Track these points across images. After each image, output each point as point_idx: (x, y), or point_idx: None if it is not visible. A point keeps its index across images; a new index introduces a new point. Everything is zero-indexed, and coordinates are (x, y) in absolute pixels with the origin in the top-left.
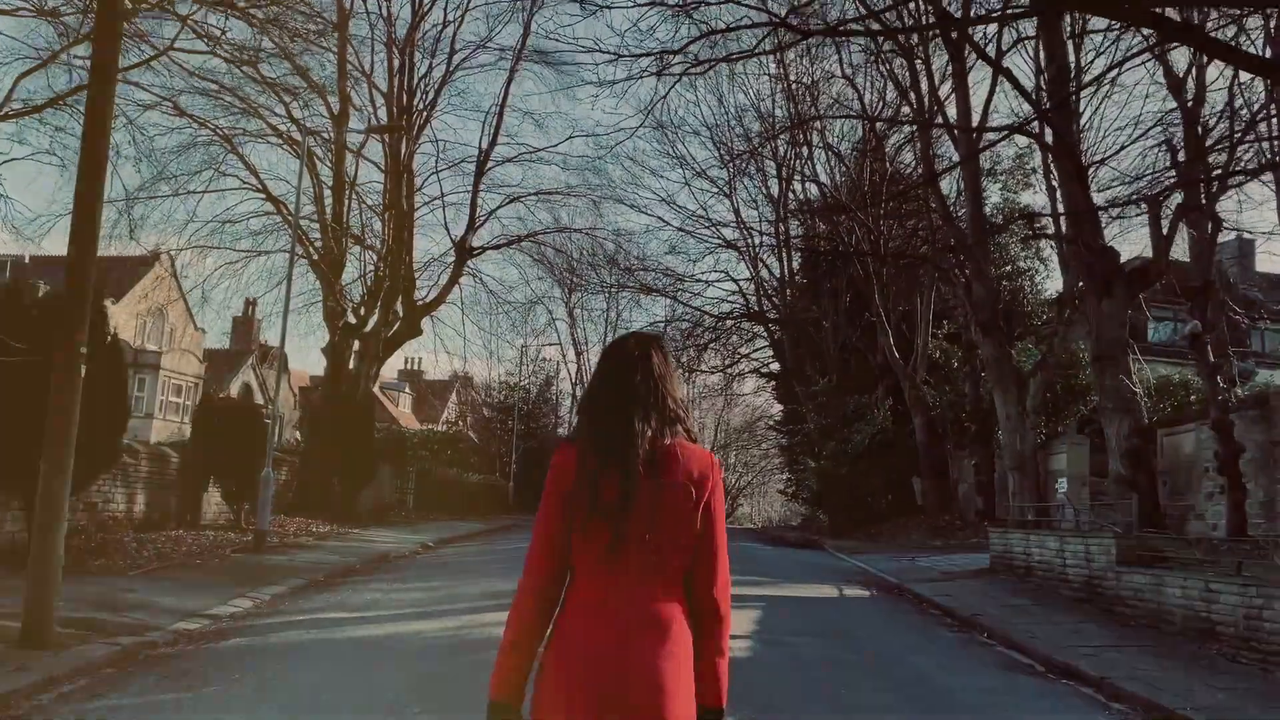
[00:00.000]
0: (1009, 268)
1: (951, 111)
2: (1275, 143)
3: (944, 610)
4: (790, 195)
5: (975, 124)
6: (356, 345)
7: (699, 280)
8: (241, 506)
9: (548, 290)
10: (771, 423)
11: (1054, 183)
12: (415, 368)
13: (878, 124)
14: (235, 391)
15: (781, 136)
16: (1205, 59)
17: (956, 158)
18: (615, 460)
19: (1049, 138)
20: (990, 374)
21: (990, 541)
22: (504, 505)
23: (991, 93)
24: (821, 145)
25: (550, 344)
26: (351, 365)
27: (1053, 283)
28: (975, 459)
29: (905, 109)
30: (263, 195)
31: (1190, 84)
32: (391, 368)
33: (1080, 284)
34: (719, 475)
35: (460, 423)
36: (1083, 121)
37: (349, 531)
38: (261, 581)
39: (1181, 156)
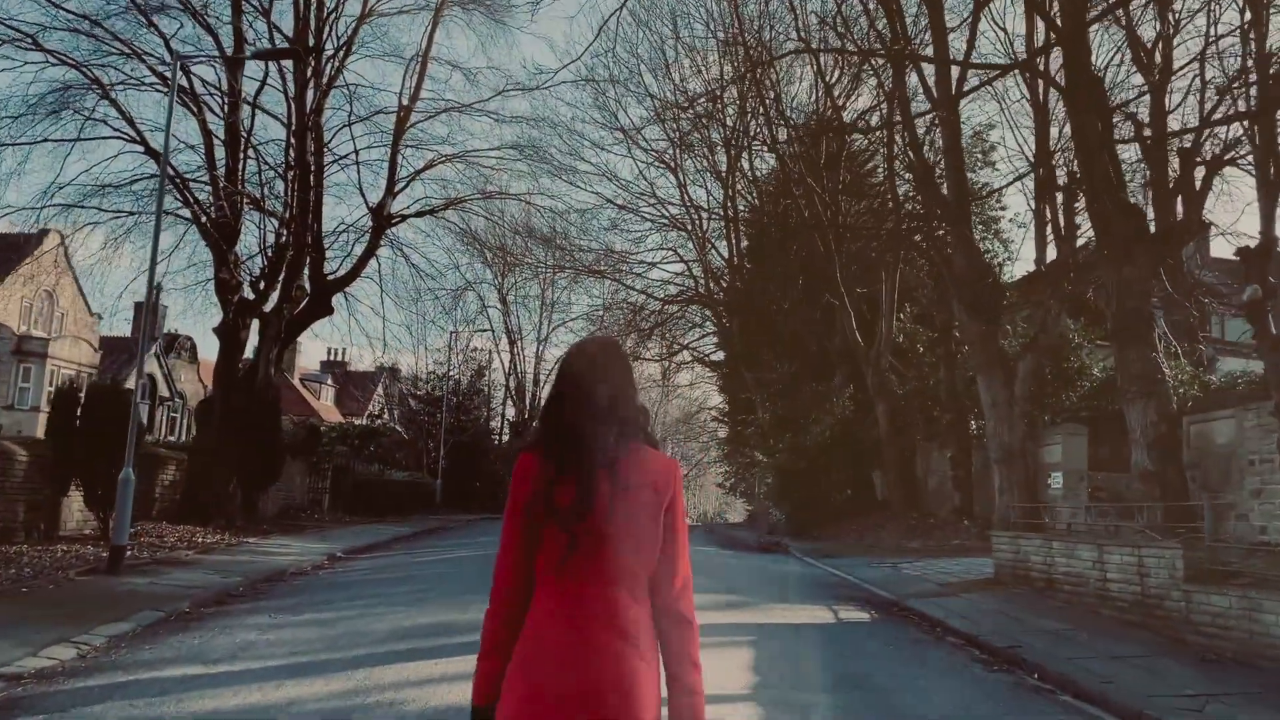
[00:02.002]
0: None
1: (929, 75)
2: None
3: (967, 638)
4: (739, 170)
5: (961, 59)
6: (256, 325)
7: (643, 261)
8: (109, 514)
9: (479, 274)
10: (717, 413)
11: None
12: (339, 358)
13: (848, 59)
14: (134, 382)
15: (730, 107)
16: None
17: (929, 124)
18: (573, 467)
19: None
20: (974, 357)
21: (995, 546)
22: (430, 505)
23: (974, 26)
24: (778, 116)
25: (482, 330)
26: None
27: (1017, 266)
28: (951, 451)
29: (871, 76)
30: (142, 148)
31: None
32: (313, 359)
33: (1061, 254)
34: (680, 480)
35: (385, 415)
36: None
37: (243, 541)
38: (102, 617)
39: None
